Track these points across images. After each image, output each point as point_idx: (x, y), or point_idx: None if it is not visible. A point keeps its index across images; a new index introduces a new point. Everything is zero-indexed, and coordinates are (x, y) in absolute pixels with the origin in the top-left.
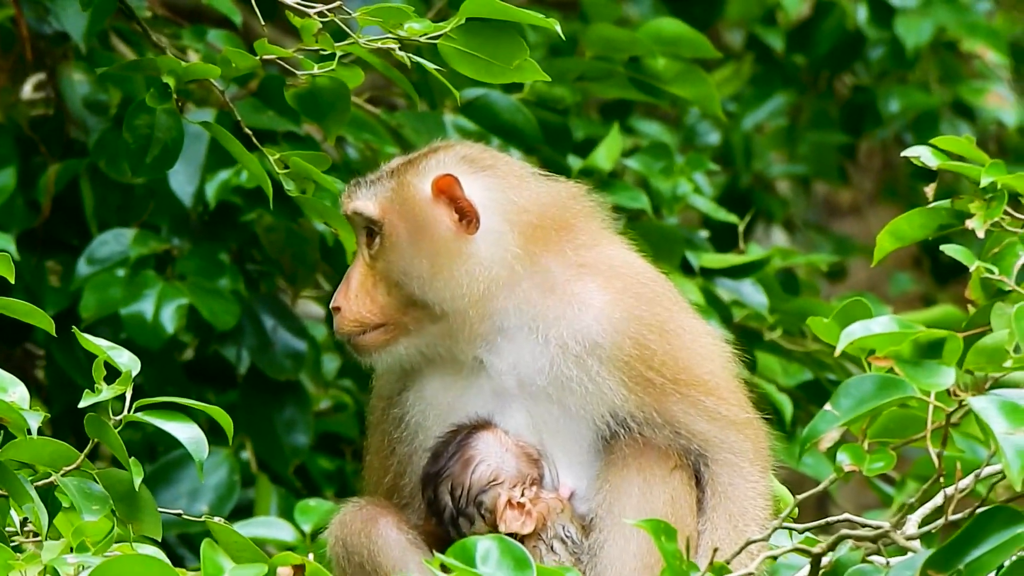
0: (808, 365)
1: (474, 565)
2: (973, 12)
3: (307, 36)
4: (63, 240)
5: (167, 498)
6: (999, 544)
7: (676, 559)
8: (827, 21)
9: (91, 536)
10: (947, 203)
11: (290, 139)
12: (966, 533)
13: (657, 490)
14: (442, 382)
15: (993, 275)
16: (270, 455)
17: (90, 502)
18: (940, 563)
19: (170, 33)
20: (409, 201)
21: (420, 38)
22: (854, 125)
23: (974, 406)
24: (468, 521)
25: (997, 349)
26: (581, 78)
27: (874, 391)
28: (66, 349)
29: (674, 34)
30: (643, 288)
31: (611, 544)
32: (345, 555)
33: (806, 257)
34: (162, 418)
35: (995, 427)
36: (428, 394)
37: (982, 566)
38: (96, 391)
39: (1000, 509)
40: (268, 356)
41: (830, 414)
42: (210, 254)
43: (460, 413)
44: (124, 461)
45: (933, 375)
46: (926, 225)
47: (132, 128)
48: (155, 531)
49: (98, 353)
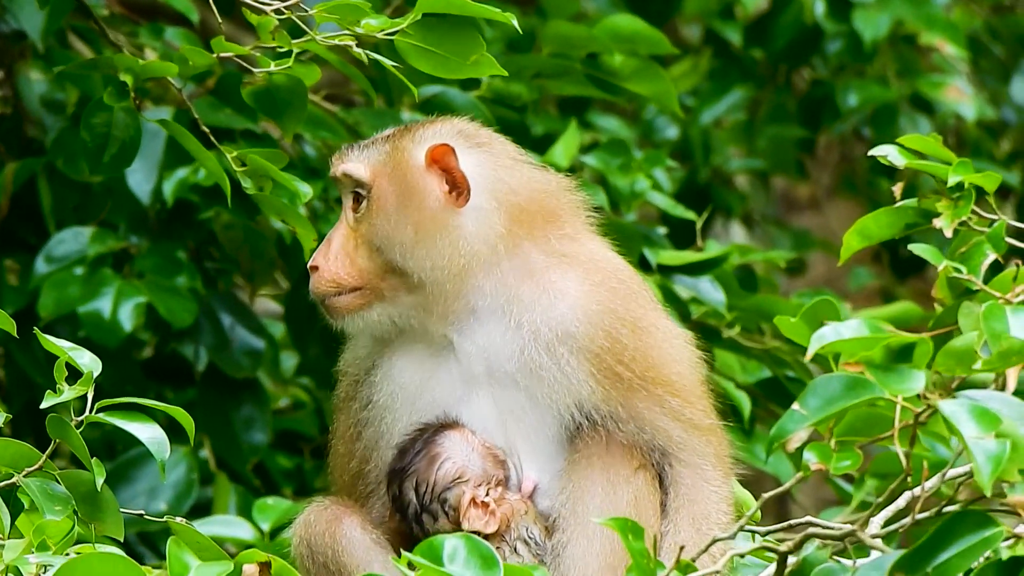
0: (766, 362)
1: (441, 563)
2: (931, 5)
3: (264, 33)
4: (21, 239)
5: (126, 496)
6: (968, 547)
7: (643, 557)
8: (785, 15)
9: (53, 536)
10: (914, 202)
11: (248, 137)
12: (935, 536)
13: (621, 490)
14: (411, 363)
15: (961, 274)
16: (228, 453)
17: (52, 502)
18: (908, 565)
19: (128, 31)
20: (401, 166)
21: (377, 34)
22: (812, 119)
23: (944, 410)
24: (432, 518)
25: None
26: (538, 75)
27: (842, 391)
28: (25, 348)
29: (631, 31)
30: (620, 284)
31: (574, 544)
32: (309, 555)
33: (764, 254)
34: (123, 418)
35: (965, 432)
36: (396, 374)
37: (950, 569)
38: (58, 392)
39: (969, 512)
40: (226, 354)
41: (798, 414)
42: (168, 252)
43: (427, 397)
44: (86, 462)
45: (904, 380)
46: (893, 224)
47: (90, 126)
48: (117, 531)
49: (59, 354)
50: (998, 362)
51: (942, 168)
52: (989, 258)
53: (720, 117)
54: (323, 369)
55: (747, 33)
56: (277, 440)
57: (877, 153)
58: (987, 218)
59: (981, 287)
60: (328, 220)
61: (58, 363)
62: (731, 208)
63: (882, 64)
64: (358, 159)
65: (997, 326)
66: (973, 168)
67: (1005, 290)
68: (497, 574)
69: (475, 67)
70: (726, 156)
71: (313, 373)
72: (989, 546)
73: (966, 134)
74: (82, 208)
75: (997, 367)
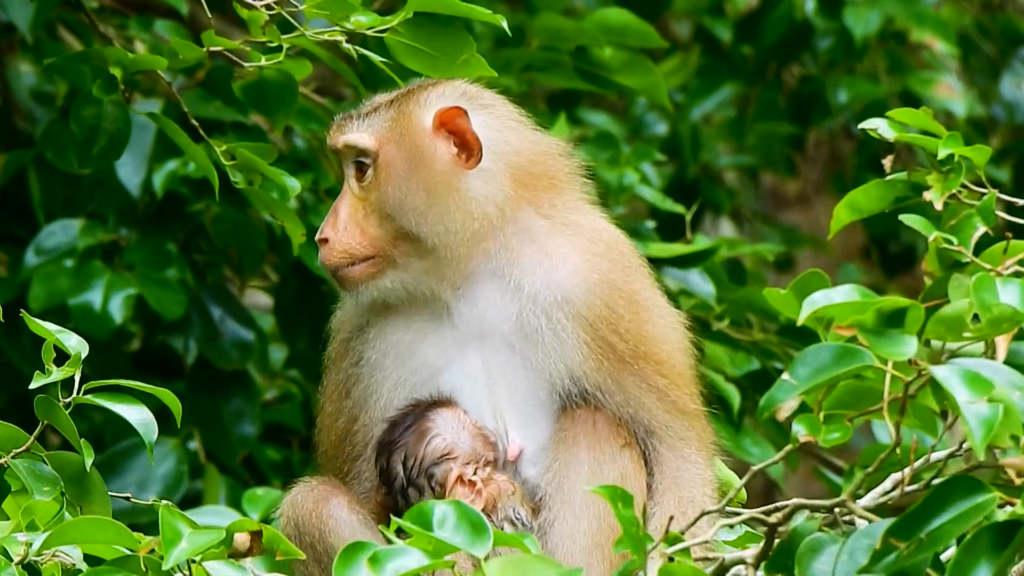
0: (755, 354)
1: (431, 529)
2: (921, 3)
3: (254, 28)
4: (10, 231)
5: (115, 488)
6: (960, 513)
7: (632, 525)
8: (775, 12)
9: (41, 516)
10: (904, 175)
11: (237, 129)
12: (927, 502)
13: (607, 467)
14: (405, 322)
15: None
16: (218, 445)
17: (40, 483)
18: (901, 532)
19: (117, 23)
20: (409, 132)
21: (367, 31)
22: (802, 116)
23: (936, 375)
24: (418, 492)
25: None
26: (528, 68)
27: (832, 360)
28: (12, 338)
29: (621, 24)
30: (621, 257)
31: (561, 522)
32: (296, 535)
33: (753, 247)
34: (112, 400)
35: (958, 396)
36: (389, 332)
37: (943, 535)
38: (47, 372)
39: (961, 478)
40: (215, 346)
41: (788, 383)
42: (157, 244)
43: (420, 356)
44: (75, 442)
45: (897, 344)
46: (883, 197)
47: (79, 119)
48: (105, 512)
49: (47, 336)
50: (988, 329)
51: (932, 141)
52: (979, 230)
53: (709, 113)
54: (312, 362)
55: (737, 30)
56: (266, 432)
57: (867, 126)
58: (977, 191)
59: (971, 259)
60: (319, 212)
61: (46, 345)
62: (720, 204)
63: (872, 61)
64: (360, 128)
65: (987, 297)
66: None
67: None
68: (487, 540)
69: (465, 67)
70: (715, 152)
71: (302, 366)
72: (982, 512)
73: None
74: (71, 200)
75: (987, 334)
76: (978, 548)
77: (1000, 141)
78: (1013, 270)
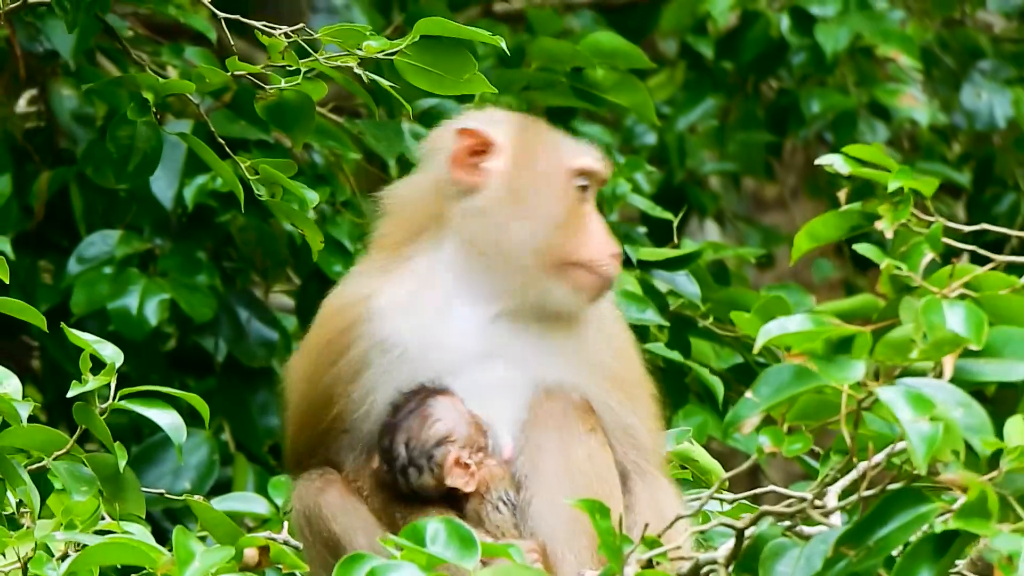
0: (738, 349)
1: (424, 545)
2: (887, 20)
3: (274, 53)
4: (54, 241)
5: (152, 476)
6: (905, 522)
7: (610, 535)
8: (753, 30)
9: (80, 515)
10: (858, 206)
11: (260, 147)
12: (875, 512)
13: (575, 447)
14: (418, 307)
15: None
16: (246, 436)
17: (79, 484)
18: (852, 539)
19: (150, 50)
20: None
21: (377, 55)
22: (779, 125)
23: (882, 396)
24: (418, 472)
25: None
26: (527, 87)
27: (791, 380)
28: (58, 341)
29: (612, 47)
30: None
31: (538, 499)
32: (307, 526)
33: (735, 250)
34: (144, 405)
35: (901, 416)
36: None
37: (889, 543)
38: (83, 382)
39: (906, 490)
40: (243, 345)
41: (751, 401)
42: (189, 252)
43: (452, 341)
44: (110, 446)
45: (844, 369)
46: (839, 226)
47: (115, 139)
48: (139, 509)
49: (84, 347)
50: (932, 351)
51: (883, 175)
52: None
53: (694, 124)
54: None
55: (718, 47)
56: None
57: (824, 162)
58: (925, 220)
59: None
60: (335, 223)
61: (83, 355)
62: (705, 207)
63: (842, 74)
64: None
65: (935, 319)
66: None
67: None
68: (475, 554)
69: (468, 84)
70: (700, 160)
71: None
72: (925, 521)
73: (920, 138)
74: (110, 213)
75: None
76: (920, 555)
77: (961, 147)
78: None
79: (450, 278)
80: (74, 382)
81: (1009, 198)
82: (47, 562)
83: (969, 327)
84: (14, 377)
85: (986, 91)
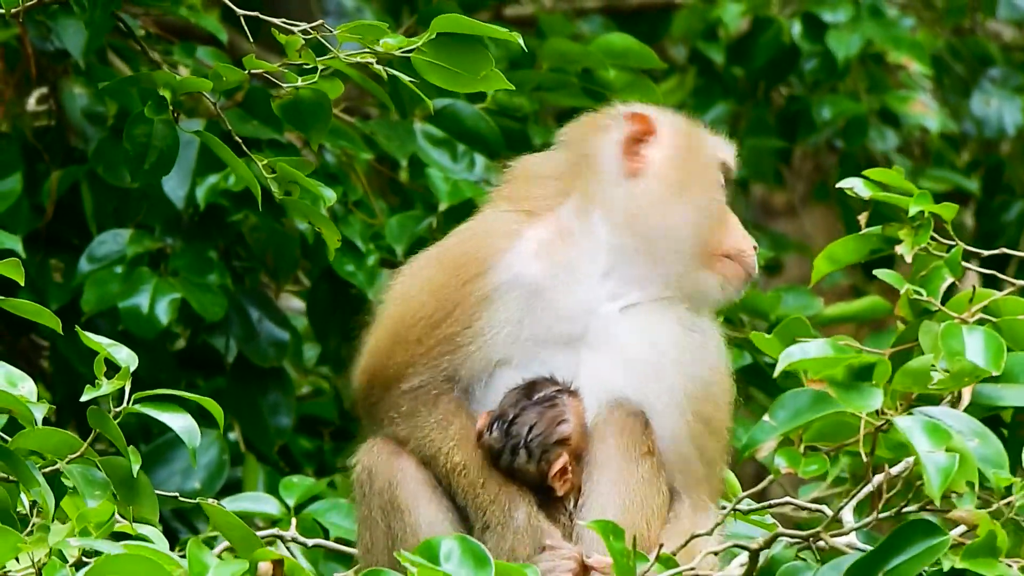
0: (747, 350)
1: (438, 563)
2: (898, 27)
3: (291, 51)
4: (65, 240)
5: (163, 475)
6: (917, 554)
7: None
8: (764, 36)
9: (94, 519)
10: (878, 230)
11: (272, 146)
12: (887, 542)
13: (632, 466)
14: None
15: (921, 296)
16: (256, 436)
17: (92, 487)
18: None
19: (162, 49)
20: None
21: (395, 52)
22: (789, 132)
23: (899, 426)
24: (527, 457)
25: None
26: (539, 88)
27: (809, 405)
28: (69, 340)
29: (623, 47)
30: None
31: (587, 509)
32: (369, 480)
33: None
34: (158, 409)
35: (918, 445)
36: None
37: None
38: (97, 386)
39: (920, 522)
40: (253, 345)
41: (768, 425)
42: (200, 252)
43: (559, 306)
44: (123, 450)
45: (863, 398)
46: (859, 250)
47: (131, 137)
48: (152, 513)
49: (99, 350)
50: (951, 382)
51: (904, 199)
52: (947, 281)
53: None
54: (342, 358)
55: (729, 53)
56: (300, 424)
57: (844, 186)
58: (945, 244)
59: (939, 308)
60: (348, 223)
61: (97, 359)
62: None
63: (853, 81)
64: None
65: (954, 344)
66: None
67: (961, 310)
68: (489, 572)
69: (485, 81)
70: None
71: (333, 362)
72: (936, 554)
73: (930, 145)
74: (121, 212)
75: (951, 387)
76: None
77: (970, 154)
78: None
79: (603, 254)
80: (88, 387)
81: (1018, 205)
82: (60, 568)
83: (987, 354)
84: (29, 380)
85: (996, 99)
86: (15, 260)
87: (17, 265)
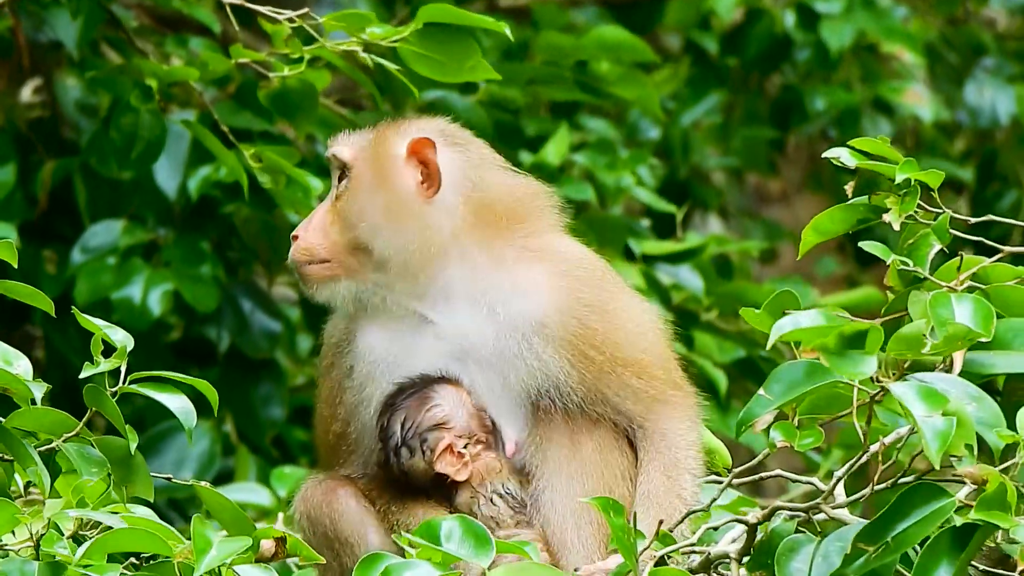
0: (741, 343)
1: (439, 543)
2: (891, 17)
3: (278, 40)
4: (58, 231)
5: (155, 467)
6: (922, 518)
7: (623, 532)
8: (757, 26)
9: (89, 496)
10: (865, 199)
11: (264, 137)
12: (892, 507)
13: (584, 438)
14: (389, 336)
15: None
16: (249, 427)
17: (89, 465)
18: (869, 536)
19: (155, 41)
20: (382, 153)
21: (382, 42)
22: (782, 121)
23: (895, 392)
24: (409, 453)
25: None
26: (532, 81)
27: (803, 377)
28: (62, 331)
29: (616, 40)
30: (585, 272)
31: (550, 490)
32: (310, 527)
33: (739, 244)
34: (154, 390)
35: (915, 411)
36: (376, 344)
37: (908, 538)
38: (95, 364)
39: (923, 485)
40: (246, 336)
41: (764, 398)
42: (192, 243)
43: (408, 368)
44: (121, 428)
45: (856, 364)
46: (846, 220)
47: (118, 126)
48: (147, 492)
49: (95, 331)
50: (944, 346)
51: (890, 167)
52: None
53: (698, 119)
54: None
55: (723, 42)
56: (293, 415)
57: (831, 155)
58: (932, 212)
59: (927, 276)
60: None
61: (95, 338)
62: (708, 202)
63: (846, 71)
64: (345, 143)
65: (943, 312)
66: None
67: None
68: (489, 551)
69: (471, 71)
70: (704, 155)
71: None
72: (943, 515)
73: (923, 134)
74: (114, 203)
75: (944, 351)
76: (939, 550)
77: (964, 143)
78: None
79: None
80: (86, 364)
81: (1012, 194)
82: (58, 540)
83: (977, 320)
84: (24, 358)
85: (989, 88)
86: (8, 242)
87: (10, 247)
